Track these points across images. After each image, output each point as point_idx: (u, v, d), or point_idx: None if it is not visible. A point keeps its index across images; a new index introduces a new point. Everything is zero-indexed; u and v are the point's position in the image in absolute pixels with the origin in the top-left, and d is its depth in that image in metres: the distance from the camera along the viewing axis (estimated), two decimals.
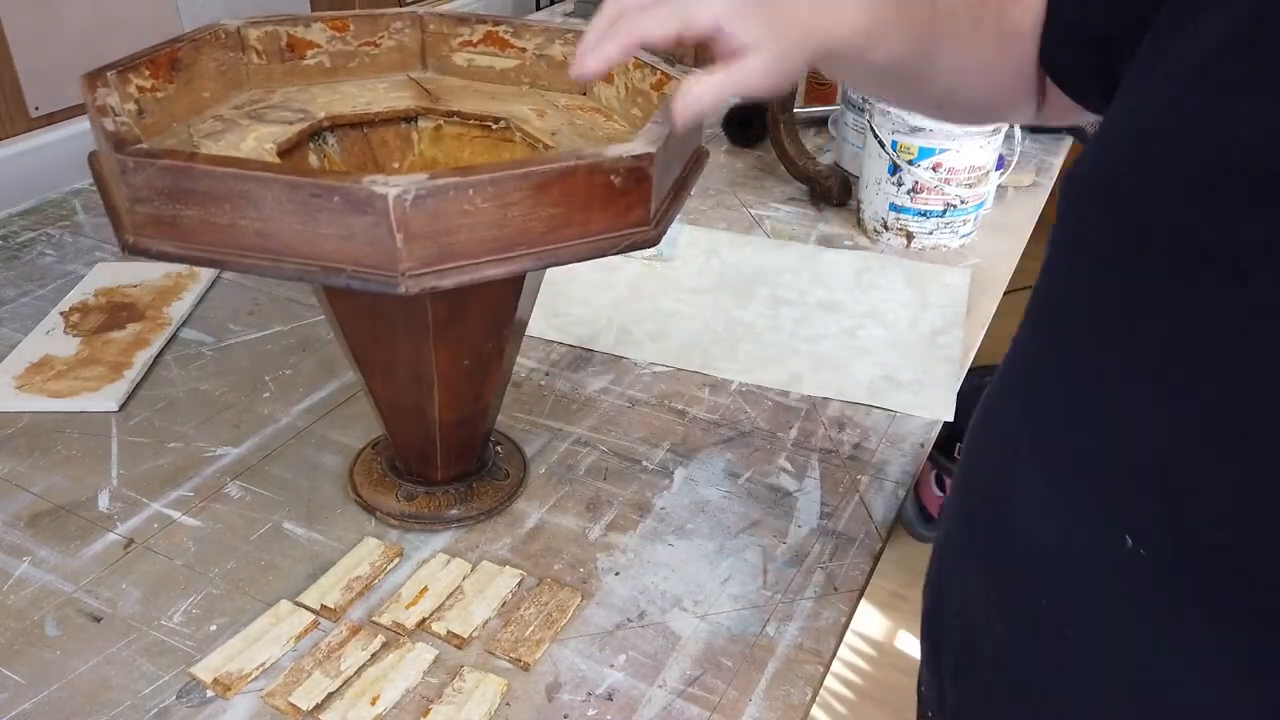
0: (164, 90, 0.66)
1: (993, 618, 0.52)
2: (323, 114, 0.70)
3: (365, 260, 0.53)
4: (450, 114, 0.73)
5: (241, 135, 0.66)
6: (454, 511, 0.74)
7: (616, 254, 0.59)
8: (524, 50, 0.77)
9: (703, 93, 0.52)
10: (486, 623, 0.66)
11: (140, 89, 0.64)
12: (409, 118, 0.73)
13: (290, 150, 0.66)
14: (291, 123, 0.68)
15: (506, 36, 0.77)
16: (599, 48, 0.51)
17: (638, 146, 0.56)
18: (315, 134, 0.69)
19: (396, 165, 0.73)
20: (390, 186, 0.50)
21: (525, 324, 0.72)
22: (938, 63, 0.60)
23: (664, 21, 0.51)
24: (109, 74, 0.62)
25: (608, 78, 0.74)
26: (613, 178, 0.56)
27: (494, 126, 0.72)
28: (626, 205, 0.57)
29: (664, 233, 0.60)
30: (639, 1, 0.52)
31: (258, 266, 0.54)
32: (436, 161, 0.74)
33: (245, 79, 0.73)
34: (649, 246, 0.60)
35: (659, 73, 0.69)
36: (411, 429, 0.72)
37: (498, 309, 0.67)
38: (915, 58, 0.59)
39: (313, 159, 0.69)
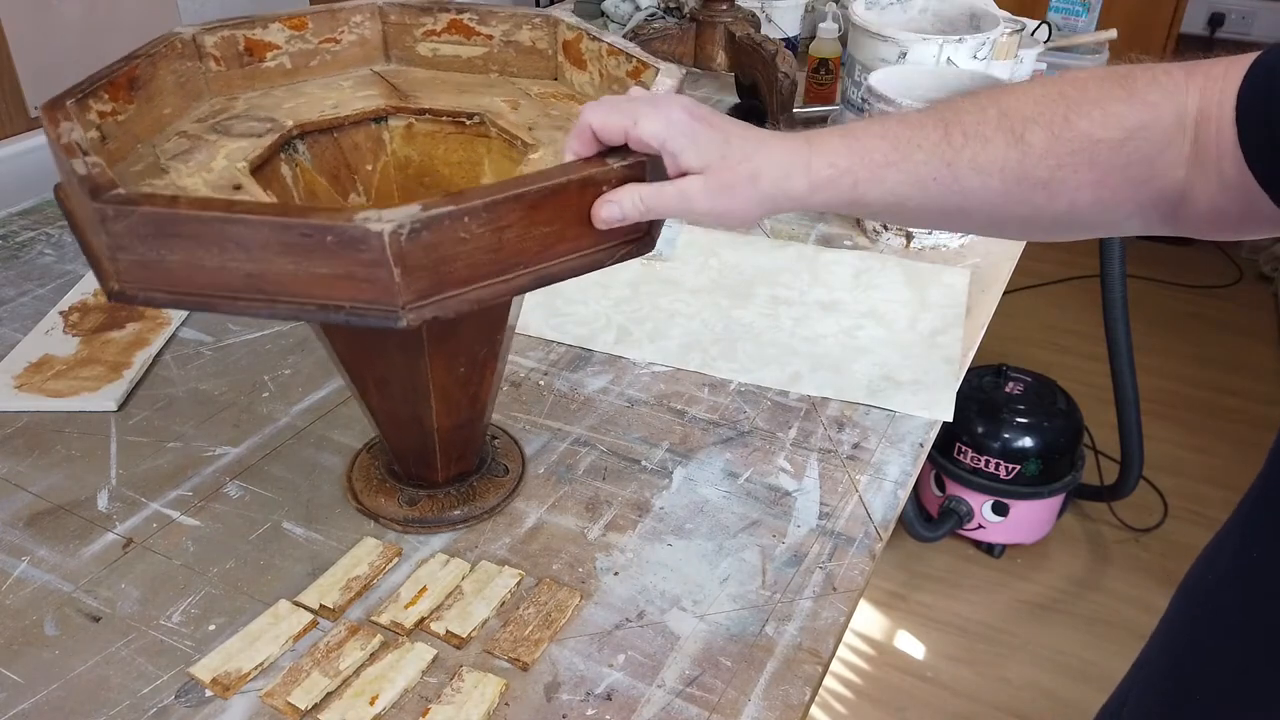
0: (124, 112, 0.63)
1: None
2: (291, 122, 0.68)
3: (363, 296, 0.51)
4: (421, 111, 0.71)
5: (211, 153, 0.64)
6: (457, 512, 0.74)
7: (613, 264, 0.58)
8: (490, 37, 0.75)
9: (627, 203, 0.55)
10: (485, 622, 0.66)
11: (101, 114, 0.61)
12: (379, 118, 0.71)
13: (263, 165, 0.64)
14: (260, 134, 0.66)
15: (471, 24, 0.75)
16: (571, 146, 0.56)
17: (628, 156, 0.56)
18: (285, 143, 0.68)
19: (369, 167, 0.71)
20: (384, 222, 0.49)
21: (515, 323, 0.71)
22: (969, 193, 0.55)
23: (613, 115, 0.55)
24: (68, 104, 0.59)
25: (580, 64, 0.73)
26: (605, 189, 0.55)
27: (468, 122, 0.71)
28: None
29: (658, 238, 0.60)
30: (612, 98, 0.56)
31: (251, 308, 0.52)
32: (410, 161, 0.72)
33: (205, 88, 0.71)
34: (645, 253, 0.59)
35: (634, 60, 0.68)
36: (409, 436, 0.72)
37: (491, 319, 0.66)
38: (928, 192, 0.55)
39: (285, 170, 0.67)
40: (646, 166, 0.57)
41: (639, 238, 0.59)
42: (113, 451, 0.81)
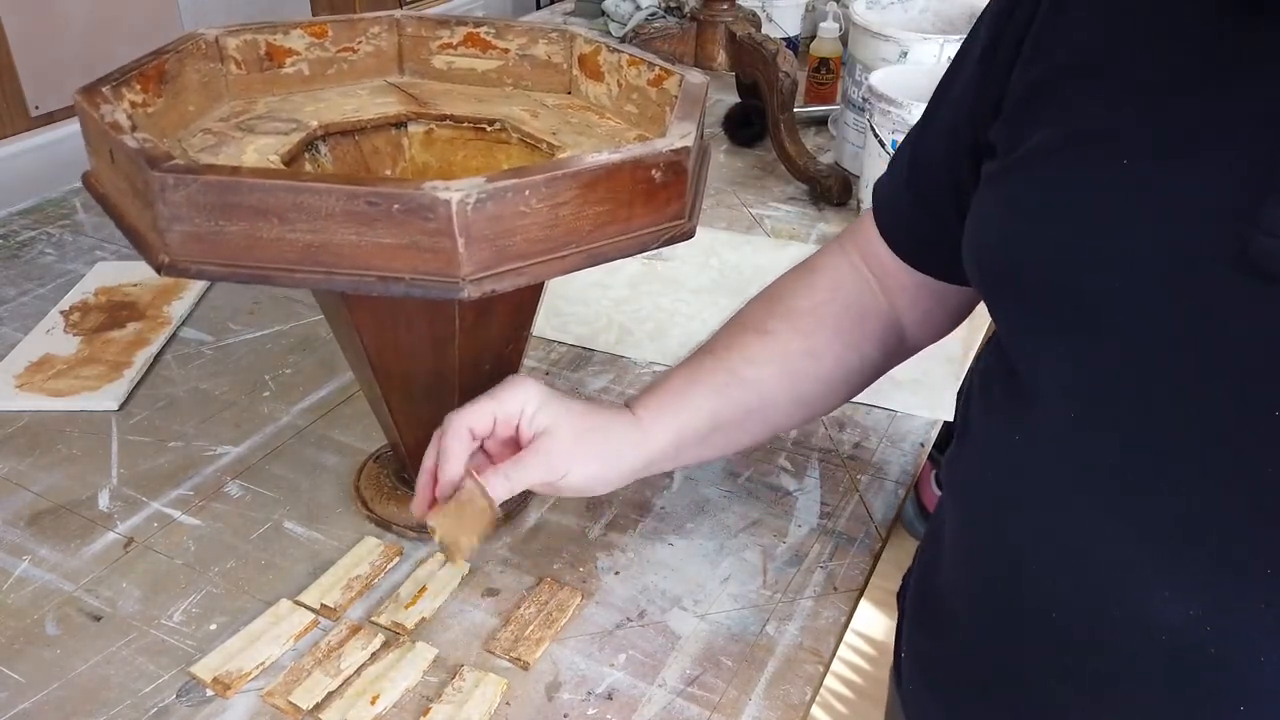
0: (154, 105, 0.64)
1: None
2: (315, 122, 0.69)
3: (424, 268, 0.52)
4: (442, 117, 0.72)
5: (239, 148, 0.64)
6: None
7: (657, 248, 0.59)
8: (506, 51, 0.76)
9: (500, 488, 0.59)
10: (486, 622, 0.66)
11: (133, 104, 0.62)
12: (399, 123, 0.72)
13: (290, 161, 0.65)
14: (286, 133, 0.67)
15: (488, 38, 0.76)
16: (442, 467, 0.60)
17: (675, 140, 0.57)
18: (309, 144, 0.68)
19: (388, 171, 0.72)
20: (453, 191, 0.50)
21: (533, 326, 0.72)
22: (757, 383, 0.65)
23: (477, 405, 0.60)
24: (105, 89, 0.59)
25: (597, 76, 0.74)
26: (654, 172, 0.56)
27: (489, 129, 0.71)
28: (666, 199, 0.58)
29: (696, 225, 0.61)
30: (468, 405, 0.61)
31: (308, 280, 0.53)
32: (429, 167, 0.73)
33: (224, 90, 0.71)
34: (686, 239, 0.61)
35: (656, 68, 0.68)
36: (428, 440, 0.71)
37: (521, 311, 0.66)
38: (728, 397, 0.64)
39: (309, 169, 0.68)
40: (692, 151, 0.58)
41: (682, 223, 0.60)
42: (114, 451, 0.81)
